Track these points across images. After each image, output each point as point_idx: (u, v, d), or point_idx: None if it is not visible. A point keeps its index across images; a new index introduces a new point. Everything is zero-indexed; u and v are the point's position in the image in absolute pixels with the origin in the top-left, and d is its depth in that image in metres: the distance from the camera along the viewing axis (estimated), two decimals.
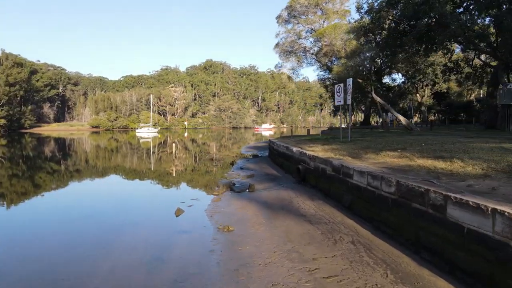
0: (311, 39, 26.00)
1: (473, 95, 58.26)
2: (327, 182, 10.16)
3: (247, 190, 11.91)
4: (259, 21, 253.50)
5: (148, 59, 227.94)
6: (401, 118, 24.30)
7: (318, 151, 12.73)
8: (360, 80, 23.12)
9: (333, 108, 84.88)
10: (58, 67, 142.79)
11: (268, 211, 9.13)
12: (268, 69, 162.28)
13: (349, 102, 14.52)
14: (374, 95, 23.94)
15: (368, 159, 9.67)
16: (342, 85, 14.78)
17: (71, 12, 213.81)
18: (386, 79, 66.05)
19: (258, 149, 30.90)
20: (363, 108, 65.17)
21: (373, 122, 75.40)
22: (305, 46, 25.88)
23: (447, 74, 32.98)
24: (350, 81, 14.16)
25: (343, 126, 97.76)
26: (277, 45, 27.29)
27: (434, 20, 19.79)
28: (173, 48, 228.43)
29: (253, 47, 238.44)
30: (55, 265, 6.03)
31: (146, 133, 77.20)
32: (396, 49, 21.91)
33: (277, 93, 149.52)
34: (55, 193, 13.81)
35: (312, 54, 26.18)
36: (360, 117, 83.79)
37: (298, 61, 26.27)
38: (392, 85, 61.61)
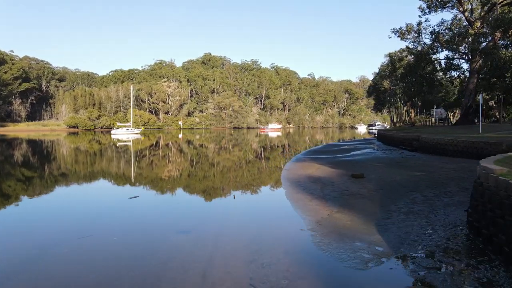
0: None
1: None
2: None
3: None
4: (259, 18, 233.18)
5: (143, 55, 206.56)
6: None
7: None
8: None
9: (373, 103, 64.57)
10: (42, 61, 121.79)
11: None
12: (272, 63, 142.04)
13: None
14: None
15: None
16: None
17: (63, 6, 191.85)
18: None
19: (329, 185, 10.54)
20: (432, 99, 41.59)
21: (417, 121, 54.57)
22: None
23: None
24: None
25: (386, 125, 76.04)
26: None
27: None
28: (169, 43, 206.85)
29: (255, 43, 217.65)
30: None
31: (124, 134, 56.77)
32: None
33: (282, 90, 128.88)
34: None
35: None
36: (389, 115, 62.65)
37: None
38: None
